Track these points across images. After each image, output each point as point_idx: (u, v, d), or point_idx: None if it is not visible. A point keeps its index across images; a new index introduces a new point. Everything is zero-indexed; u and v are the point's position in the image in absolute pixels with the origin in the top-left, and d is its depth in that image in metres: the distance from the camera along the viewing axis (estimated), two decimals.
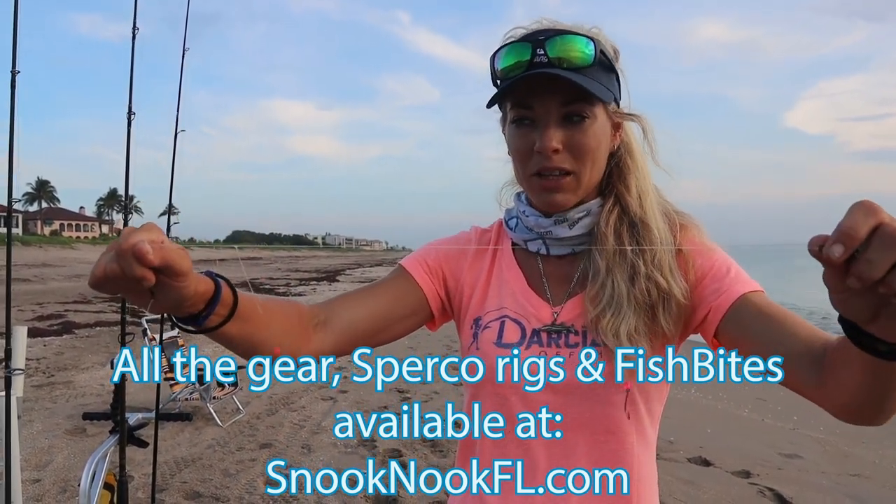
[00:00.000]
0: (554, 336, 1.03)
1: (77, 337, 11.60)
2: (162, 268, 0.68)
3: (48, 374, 8.14)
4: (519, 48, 0.98)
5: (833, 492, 4.73)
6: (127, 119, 1.94)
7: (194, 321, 0.81)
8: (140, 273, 0.66)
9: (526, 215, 1.08)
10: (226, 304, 0.83)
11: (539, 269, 1.09)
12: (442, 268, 1.13)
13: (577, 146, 0.97)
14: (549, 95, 0.96)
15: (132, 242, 0.66)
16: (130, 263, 0.66)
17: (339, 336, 1.03)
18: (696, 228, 1.05)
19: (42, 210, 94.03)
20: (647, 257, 0.99)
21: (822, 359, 0.80)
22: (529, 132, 0.99)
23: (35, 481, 4.51)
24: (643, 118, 1.08)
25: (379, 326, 1.06)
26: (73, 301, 18.22)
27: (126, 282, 0.67)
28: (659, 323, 0.98)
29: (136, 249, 0.65)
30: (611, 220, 1.02)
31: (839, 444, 5.99)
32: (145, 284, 0.68)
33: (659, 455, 5.47)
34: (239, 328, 0.87)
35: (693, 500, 4.42)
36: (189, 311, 0.79)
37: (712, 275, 0.98)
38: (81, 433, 5.64)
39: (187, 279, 0.72)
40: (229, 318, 0.84)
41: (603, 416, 1.00)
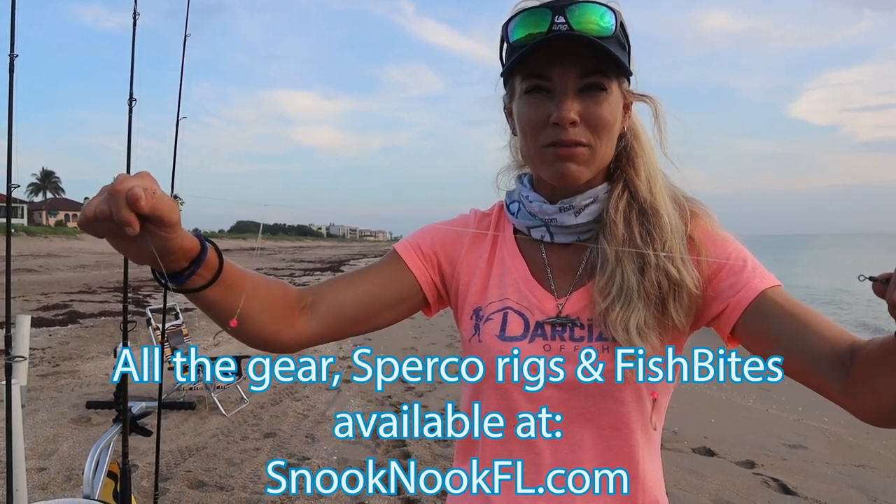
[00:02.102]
0: (558, 329, 0.99)
1: (82, 327, 11.64)
2: (151, 216, 0.69)
3: (53, 364, 8.17)
4: (537, 14, 0.92)
5: (838, 482, 4.72)
6: (128, 105, 1.92)
7: (177, 279, 0.82)
8: (127, 217, 0.67)
9: (529, 200, 1.03)
10: (210, 267, 0.84)
11: (543, 257, 1.04)
12: (437, 253, 1.09)
13: (595, 118, 0.92)
14: (569, 63, 0.91)
15: (127, 186, 0.67)
16: (120, 206, 0.67)
17: (324, 320, 1.01)
18: (707, 216, 1.01)
19: (47, 201, 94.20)
20: (658, 246, 0.95)
21: (850, 361, 0.79)
22: (544, 102, 0.93)
23: (41, 470, 4.53)
24: (655, 100, 1.03)
25: (368, 312, 1.03)
26: (78, 291, 18.27)
27: (112, 224, 0.69)
28: (669, 315, 0.94)
29: (129, 193, 0.67)
30: (620, 207, 0.98)
31: (844, 435, 5.98)
32: (129, 231, 0.68)
33: (663, 445, 5.43)
34: (222, 294, 0.87)
35: (697, 490, 4.41)
36: (172, 268, 0.80)
37: (728, 268, 0.94)
38: (86, 422, 5.66)
39: (175, 231, 0.74)
40: (213, 282, 0.84)
41: (608, 412, 0.97)
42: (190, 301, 0.87)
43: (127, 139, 1.93)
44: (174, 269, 0.80)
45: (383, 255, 1.12)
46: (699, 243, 0.97)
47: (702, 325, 0.99)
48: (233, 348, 9.58)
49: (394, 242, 1.14)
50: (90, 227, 0.71)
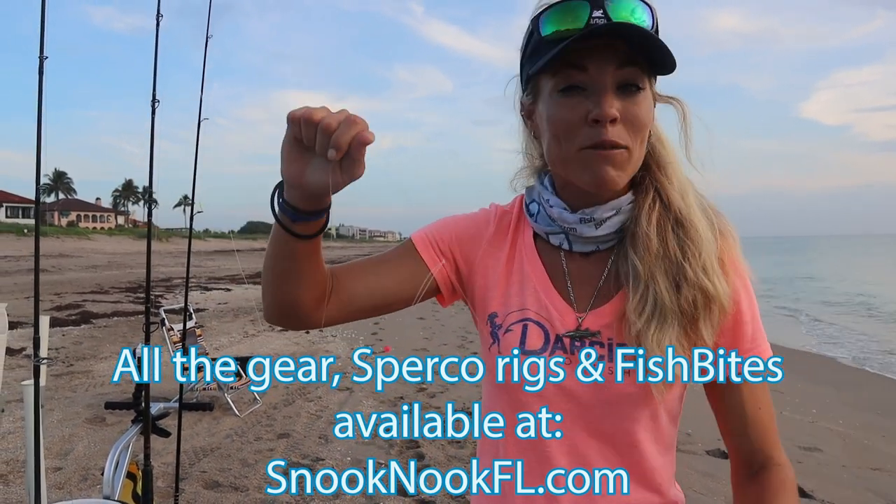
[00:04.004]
0: (577, 344, 0.96)
1: (95, 327, 11.70)
2: (355, 160, 0.75)
3: (68, 364, 8.22)
4: (573, 6, 0.86)
5: (854, 485, 4.69)
6: (151, 107, 1.93)
7: (317, 215, 0.86)
8: (346, 143, 0.72)
9: (550, 205, 0.99)
10: (321, 224, 0.88)
11: (563, 266, 1.01)
12: (453, 251, 1.06)
13: (633, 118, 0.87)
14: (608, 56, 0.86)
15: (364, 125, 0.73)
16: (349, 132, 0.72)
17: (342, 308, 1.01)
18: (733, 238, 0.98)
19: (59, 201, 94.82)
20: (695, 261, 0.91)
21: (751, 476, 0.98)
22: (581, 101, 0.87)
23: (57, 469, 4.55)
24: (683, 102, 0.97)
25: (381, 303, 1.04)
26: (91, 291, 18.38)
27: (323, 138, 0.73)
28: (700, 333, 0.91)
29: (362, 133, 0.73)
30: (653, 219, 0.93)
31: (860, 438, 5.94)
32: (331, 154, 0.73)
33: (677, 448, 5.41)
34: (311, 250, 0.91)
35: (712, 493, 4.39)
36: (317, 206, 0.84)
37: (736, 316, 0.95)
38: (101, 422, 5.69)
39: (349, 181, 0.78)
40: (320, 233, 0.89)
41: (621, 420, 0.97)
42: (288, 246, 0.89)
43: (150, 140, 1.95)
44: (316, 209, 0.85)
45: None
46: (727, 269, 0.95)
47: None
48: (244, 349, 9.61)
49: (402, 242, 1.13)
50: (303, 127, 0.74)
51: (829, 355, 11.68)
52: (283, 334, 11.50)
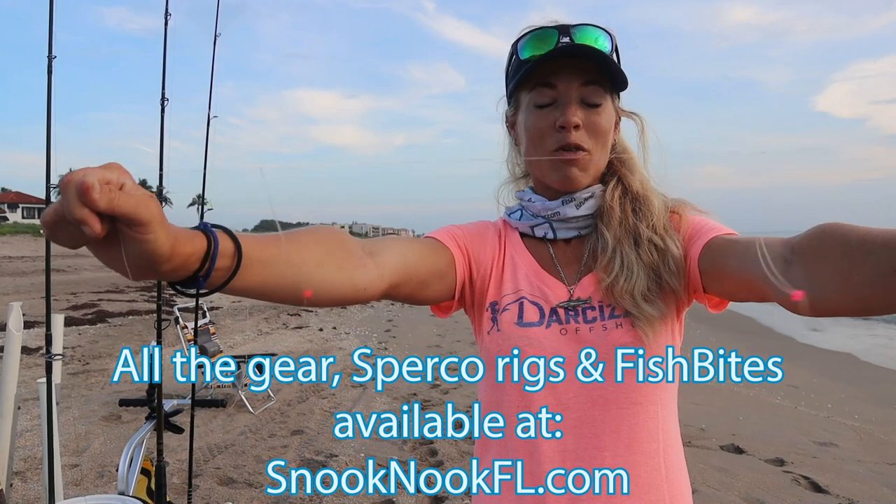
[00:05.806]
0: (571, 313, 1.05)
1: (111, 326, 11.82)
2: (115, 214, 0.56)
3: (83, 362, 8.31)
4: (545, 34, 1.05)
5: (870, 480, 4.65)
6: (161, 105, 1.95)
7: (194, 283, 0.69)
8: (80, 214, 0.55)
9: (532, 202, 1.12)
10: (226, 255, 0.69)
11: (550, 253, 1.13)
12: (467, 247, 1.13)
13: (594, 126, 1.05)
14: (572, 74, 1.04)
15: (78, 177, 0.55)
16: (71, 201, 0.55)
17: (392, 273, 0.94)
18: (690, 204, 1.11)
19: None
20: (646, 223, 1.06)
21: (791, 255, 0.76)
22: (551, 112, 1.05)
23: (73, 466, 4.61)
24: (642, 117, 1.14)
25: (416, 281, 1.00)
26: (106, 290, 18.55)
27: (70, 227, 0.56)
28: (665, 281, 1.03)
29: (79, 184, 0.54)
30: (615, 195, 1.09)
31: (875, 432, 5.89)
32: (87, 231, 0.56)
33: (691, 443, 5.43)
34: (260, 274, 0.74)
35: (726, 489, 4.37)
36: (180, 274, 0.66)
37: (696, 231, 1.04)
38: (117, 419, 5.75)
39: (151, 230, 0.59)
40: (237, 270, 0.70)
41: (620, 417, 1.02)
42: (240, 296, 0.75)
43: (160, 137, 1.96)
44: (182, 276, 0.67)
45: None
46: (681, 221, 1.08)
47: (693, 292, 1.04)
48: (258, 346, 9.67)
49: None
50: (52, 234, 0.58)
51: (846, 351, 11.59)
52: (296, 332, 11.55)
